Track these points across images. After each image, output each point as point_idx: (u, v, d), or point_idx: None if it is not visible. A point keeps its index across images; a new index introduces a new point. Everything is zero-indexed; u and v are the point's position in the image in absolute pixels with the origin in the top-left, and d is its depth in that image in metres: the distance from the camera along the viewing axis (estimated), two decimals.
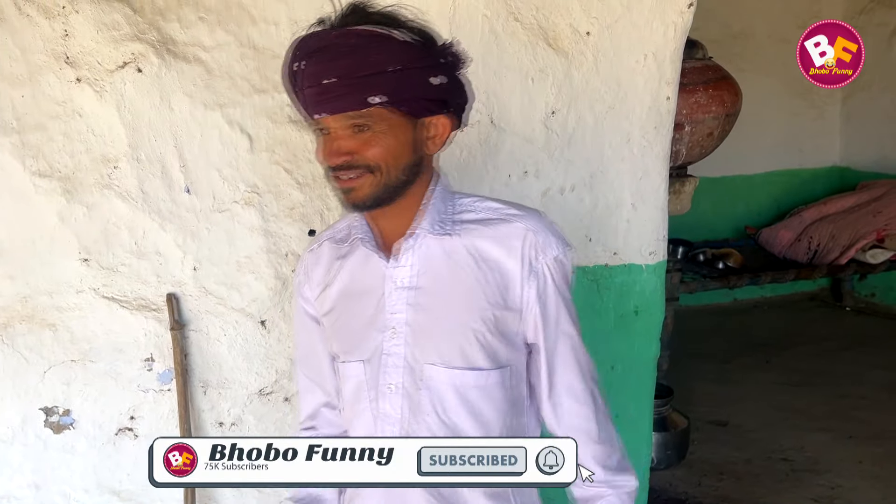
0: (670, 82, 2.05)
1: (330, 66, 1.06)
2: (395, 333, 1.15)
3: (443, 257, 1.16)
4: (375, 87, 1.05)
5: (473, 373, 1.14)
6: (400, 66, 1.06)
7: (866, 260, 4.27)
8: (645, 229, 2.11)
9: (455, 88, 1.14)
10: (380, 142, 1.08)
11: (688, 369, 4.07)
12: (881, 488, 2.93)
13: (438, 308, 1.15)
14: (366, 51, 1.05)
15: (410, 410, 1.15)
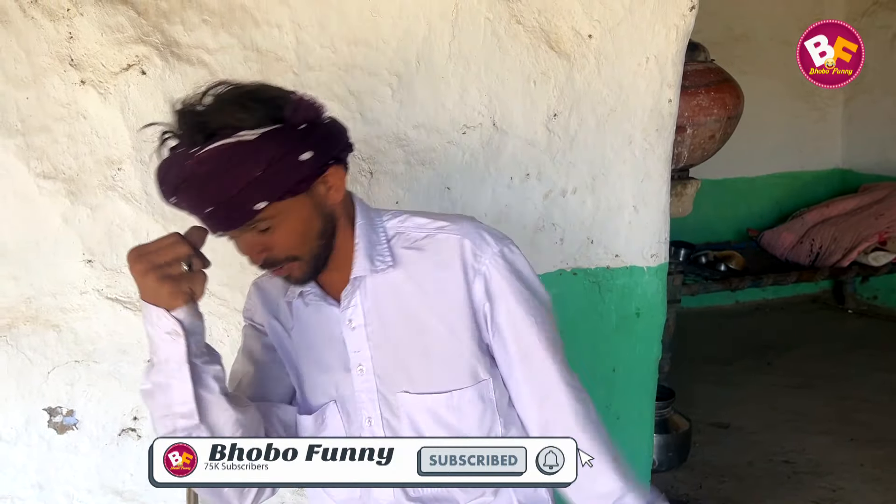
0: (672, 85, 2.06)
1: (200, 198, 1.03)
2: (361, 371, 1.17)
3: (388, 292, 1.16)
4: (253, 197, 1.01)
5: (443, 395, 1.16)
6: (264, 166, 1.00)
7: (868, 262, 4.27)
8: (646, 232, 2.12)
9: (325, 143, 1.08)
10: (285, 233, 1.07)
11: (689, 371, 4.07)
12: (882, 491, 2.92)
13: (397, 340, 1.16)
14: (225, 171, 1.00)
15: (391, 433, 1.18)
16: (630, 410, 2.22)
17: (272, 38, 1.80)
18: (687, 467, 3.14)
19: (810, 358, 4.41)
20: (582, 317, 2.12)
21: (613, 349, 2.16)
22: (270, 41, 1.80)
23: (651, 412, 2.25)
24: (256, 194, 1.02)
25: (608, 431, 1.26)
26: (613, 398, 2.19)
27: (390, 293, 1.16)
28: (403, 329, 1.16)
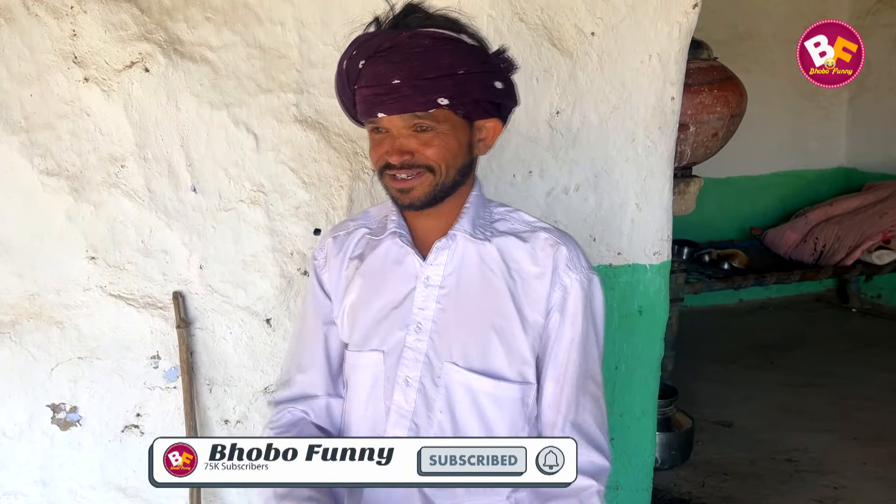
0: (675, 83, 2.06)
1: (399, 66, 1.07)
2: (419, 329, 1.17)
3: (476, 261, 1.18)
4: (443, 90, 1.07)
5: (491, 381, 1.16)
6: (467, 69, 1.08)
7: (872, 261, 4.26)
8: (649, 229, 2.12)
9: (510, 93, 1.17)
10: (441, 143, 1.11)
11: (693, 370, 4.07)
12: (885, 490, 2.92)
13: (466, 309, 1.16)
14: (436, 53, 1.07)
15: (424, 405, 1.17)
16: (633, 408, 2.21)
17: (275, 36, 1.80)
18: (690, 465, 3.13)
19: (814, 356, 4.41)
20: None
21: (616, 347, 2.15)
22: (273, 38, 1.80)
23: (654, 409, 2.25)
24: (447, 89, 1.08)
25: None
26: (616, 396, 2.18)
27: (477, 265, 1.18)
28: (476, 303, 1.16)
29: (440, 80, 1.07)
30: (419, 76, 1.07)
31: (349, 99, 1.16)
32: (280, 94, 1.81)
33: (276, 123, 1.82)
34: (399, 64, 1.07)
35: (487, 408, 1.17)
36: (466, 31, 1.13)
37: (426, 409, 1.17)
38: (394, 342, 1.19)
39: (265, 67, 1.80)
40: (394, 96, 1.08)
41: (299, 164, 1.85)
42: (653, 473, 2.29)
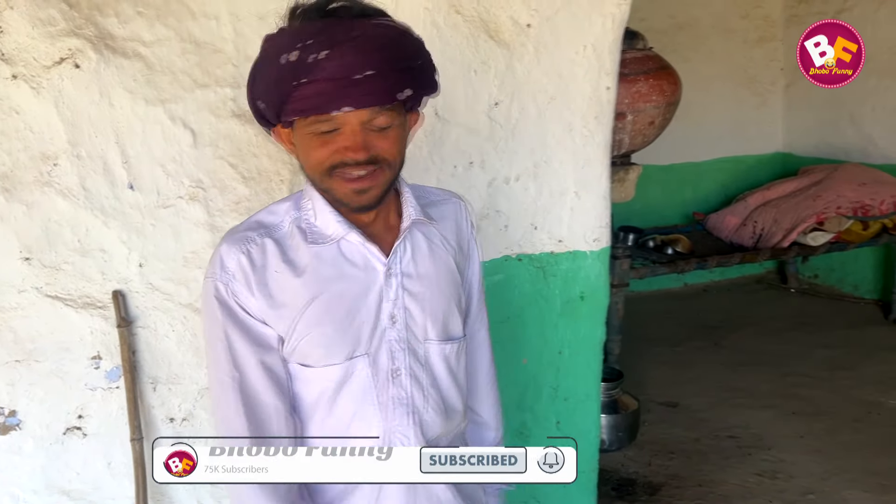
0: (609, 73, 2.10)
1: (370, 56, 1.01)
2: (394, 321, 1.17)
3: (425, 241, 1.22)
4: (406, 81, 1.05)
5: (455, 343, 1.24)
6: (422, 61, 1.09)
7: (807, 242, 4.40)
8: (588, 216, 2.17)
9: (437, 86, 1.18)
10: (396, 137, 1.09)
11: (639, 353, 4.17)
12: (821, 461, 3.04)
13: (428, 288, 1.21)
14: (401, 43, 1.05)
15: (419, 389, 1.20)
16: (577, 391, 2.27)
17: (210, 30, 1.78)
18: (636, 446, 3.22)
19: (755, 337, 4.56)
20: (528, 301, 2.16)
21: (559, 332, 2.20)
22: (208, 33, 1.78)
23: (597, 392, 2.30)
24: (409, 80, 1.06)
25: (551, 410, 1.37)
26: (560, 380, 2.23)
27: (426, 244, 1.22)
28: (433, 280, 1.21)
29: (405, 72, 1.05)
30: (392, 66, 1.03)
31: (281, 97, 1.06)
32: (217, 88, 1.80)
33: (214, 118, 1.81)
34: (371, 54, 1.01)
35: (454, 364, 1.25)
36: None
37: (421, 392, 1.19)
38: (375, 341, 1.17)
39: (200, 62, 1.79)
40: (364, 88, 1.01)
41: (238, 159, 1.84)
42: (598, 455, 2.35)
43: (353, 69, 1.01)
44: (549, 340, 2.21)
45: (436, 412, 1.22)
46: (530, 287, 2.15)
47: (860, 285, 5.25)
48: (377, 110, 1.05)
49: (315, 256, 1.16)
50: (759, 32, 5.69)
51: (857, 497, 2.77)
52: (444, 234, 1.26)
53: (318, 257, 1.16)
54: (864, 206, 4.41)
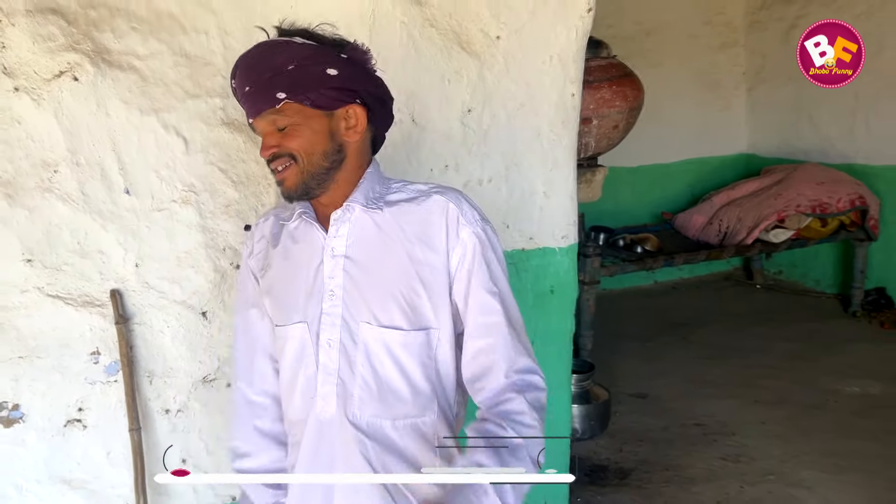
0: (574, 80, 2.25)
1: (246, 76, 1.26)
2: (332, 296, 1.31)
3: (374, 229, 1.32)
4: (278, 85, 1.23)
5: (400, 332, 1.30)
6: (295, 63, 1.23)
7: (769, 239, 4.61)
8: (557, 215, 2.31)
9: (360, 79, 1.29)
10: (297, 133, 1.26)
11: (611, 348, 4.34)
12: (781, 445, 3.22)
13: (370, 274, 1.31)
14: (269, 56, 1.25)
15: (347, 363, 1.31)
16: (550, 380, 2.36)
17: (200, 44, 1.90)
18: (608, 434, 3.37)
19: (722, 331, 4.74)
20: None
21: (531, 325, 2.33)
22: (198, 47, 1.90)
23: (568, 381, 2.45)
24: (281, 84, 1.23)
25: None
26: None
27: (376, 232, 1.32)
28: (378, 266, 1.31)
29: (275, 78, 1.23)
30: (258, 80, 1.24)
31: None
32: (207, 98, 1.92)
33: (205, 127, 1.92)
34: (245, 75, 1.27)
35: (401, 355, 1.31)
36: (309, 35, 1.28)
37: (349, 366, 1.31)
38: (313, 311, 1.33)
39: (191, 74, 1.90)
40: (248, 102, 1.27)
41: (228, 165, 1.96)
42: (570, 435, 2.49)
43: (242, 88, 1.28)
44: None
45: (363, 390, 1.31)
46: None
47: (822, 280, 5.47)
48: (270, 115, 1.26)
49: (283, 231, 1.42)
50: (721, 38, 5.90)
51: (814, 477, 2.94)
52: (403, 228, 1.31)
53: (285, 231, 1.41)
54: (823, 204, 4.62)
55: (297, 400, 1.37)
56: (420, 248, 1.30)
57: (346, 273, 1.31)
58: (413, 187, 1.38)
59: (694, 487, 2.91)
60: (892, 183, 4.87)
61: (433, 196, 1.33)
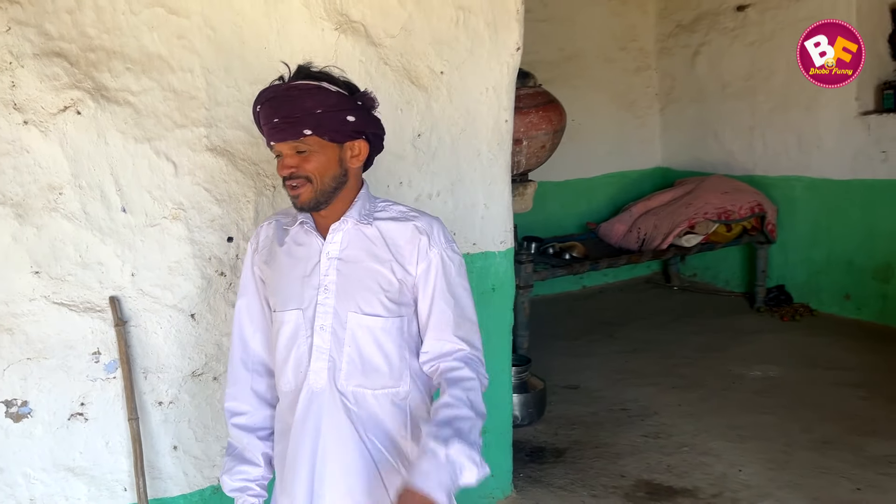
0: (507, 108, 2.64)
1: (276, 111, 1.53)
2: (326, 290, 1.61)
3: (363, 239, 1.64)
4: (306, 123, 1.52)
5: (380, 318, 1.62)
6: (322, 109, 1.53)
7: (682, 244, 5.11)
8: (495, 224, 2.68)
9: (368, 122, 1.61)
10: (314, 159, 1.56)
11: (545, 346, 4.74)
12: (694, 422, 3.66)
13: (359, 272, 1.62)
14: (299, 99, 1.53)
15: (336, 344, 1.61)
16: (493, 367, 2.73)
17: (186, 81, 2.18)
18: (544, 421, 3.75)
19: (643, 329, 5.21)
20: None
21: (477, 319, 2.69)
22: (184, 83, 2.18)
23: (508, 367, 2.81)
24: (309, 123, 1.52)
25: None
26: None
27: (363, 241, 1.63)
28: (364, 267, 1.62)
29: (304, 118, 1.52)
30: (289, 116, 1.53)
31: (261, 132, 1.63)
32: (193, 128, 2.20)
33: (191, 152, 2.20)
34: (277, 108, 1.53)
35: (380, 337, 1.63)
36: (331, 80, 1.57)
37: (338, 346, 1.62)
38: (309, 300, 1.63)
39: (179, 107, 2.18)
40: (276, 130, 1.54)
41: (212, 185, 2.24)
42: (512, 419, 2.84)
43: (270, 118, 1.55)
44: None
45: (350, 365, 1.61)
46: None
47: (730, 280, 6.03)
48: (293, 142, 1.56)
49: (287, 234, 1.72)
50: (636, 63, 6.45)
51: (721, 446, 3.38)
52: (385, 240, 1.65)
53: (288, 234, 1.71)
54: (727, 211, 5.16)
55: (289, 374, 1.66)
56: (397, 256, 1.63)
57: (338, 272, 1.62)
58: (396, 208, 1.69)
59: (620, 461, 3.31)
60: (786, 191, 5.46)
61: (411, 223, 1.65)
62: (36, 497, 2.14)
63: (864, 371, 4.15)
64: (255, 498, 1.75)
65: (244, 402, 1.77)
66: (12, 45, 1.99)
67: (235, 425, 1.76)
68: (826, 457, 3.21)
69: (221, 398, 2.32)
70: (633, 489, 3.06)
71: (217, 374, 2.31)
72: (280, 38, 2.28)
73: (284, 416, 1.70)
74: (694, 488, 3.04)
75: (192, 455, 2.32)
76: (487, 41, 2.56)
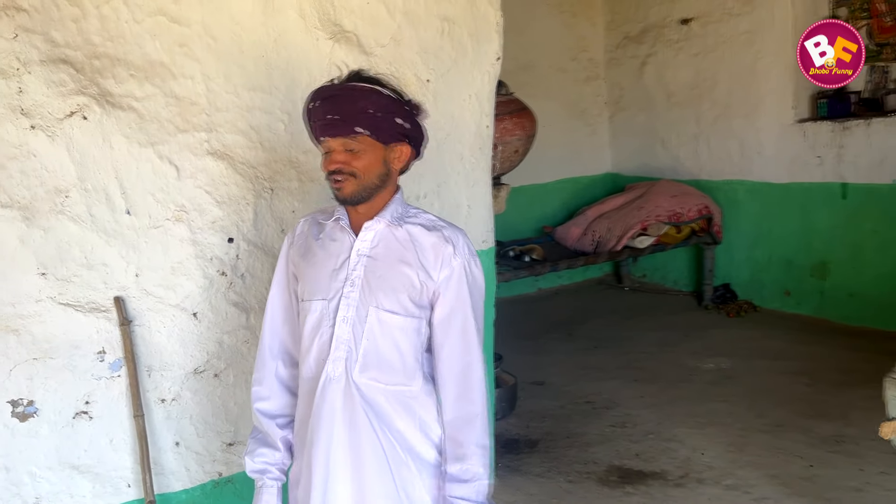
0: (488, 114, 2.79)
1: (331, 108, 1.64)
2: (352, 284, 1.71)
3: (392, 239, 1.73)
4: (360, 122, 1.63)
5: (399, 317, 1.71)
6: (375, 110, 1.64)
7: (636, 245, 5.36)
8: (478, 224, 2.83)
9: (414, 128, 1.73)
10: (363, 157, 1.66)
11: (509, 346, 4.86)
12: (656, 412, 3.87)
13: (384, 270, 1.72)
14: (357, 99, 1.63)
15: (354, 335, 1.71)
16: None
17: (187, 87, 2.26)
18: (516, 415, 3.91)
19: (600, 327, 5.44)
20: None
21: None
22: (186, 90, 2.26)
23: (490, 361, 2.95)
24: (363, 122, 1.62)
25: None
26: None
27: (392, 242, 1.73)
28: (390, 266, 1.71)
29: (358, 116, 1.63)
30: (344, 114, 1.64)
31: (308, 128, 1.73)
32: (194, 133, 2.28)
33: (193, 156, 2.28)
34: (332, 106, 1.63)
35: (396, 334, 1.73)
36: (384, 85, 1.70)
37: (355, 338, 1.71)
38: (335, 292, 1.73)
39: (181, 112, 2.25)
40: (330, 125, 1.63)
41: (213, 188, 2.32)
42: (494, 410, 2.99)
43: (325, 114, 1.66)
44: None
45: (365, 357, 1.69)
46: None
47: (679, 280, 6.33)
48: (344, 139, 1.65)
49: (322, 229, 1.82)
50: (586, 73, 6.72)
51: (683, 432, 3.60)
52: (414, 244, 1.70)
53: (323, 230, 1.82)
54: (676, 214, 5.44)
55: (311, 361, 1.75)
56: (423, 261, 1.72)
57: (365, 268, 1.72)
58: (426, 216, 1.78)
59: (591, 449, 3.49)
60: (729, 195, 5.78)
61: (439, 230, 1.74)
62: (41, 495, 2.17)
63: (806, 361, 4.45)
64: (274, 481, 1.84)
65: (267, 388, 1.86)
66: (19, 52, 2.03)
67: (259, 410, 1.85)
68: (780, 438, 3.46)
69: (222, 394, 2.40)
70: (606, 474, 3.24)
71: (218, 371, 2.38)
72: (277, 47, 2.38)
73: (305, 402, 1.79)
74: (662, 471, 3.23)
75: (194, 451, 2.38)
76: (470, 51, 2.71)
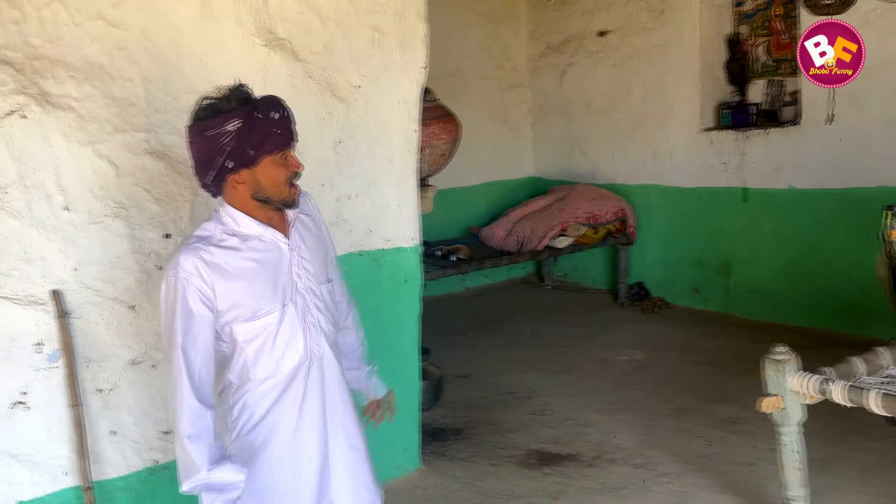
0: (415, 119, 2.97)
1: (289, 116, 1.80)
2: (300, 277, 1.87)
3: (304, 228, 1.93)
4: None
5: (329, 283, 1.98)
6: None
7: (556, 245, 5.64)
8: (406, 223, 3.01)
9: None
10: None
11: (435, 341, 5.05)
12: (573, 400, 4.13)
13: (311, 254, 1.91)
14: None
15: (321, 314, 1.90)
16: (404, 349, 3.08)
17: (126, 89, 2.35)
18: (442, 405, 4.09)
19: (522, 323, 5.69)
20: (366, 286, 2.93)
21: (390, 308, 3.00)
22: (125, 91, 2.35)
23: (417, 350, 3.12)
24: None
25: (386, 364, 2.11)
26: (392, 343, 3.03)
27: (305, 230, 1.93)
28: (313, 248, 1.92)
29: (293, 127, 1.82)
30: (293, 122, 1.81)
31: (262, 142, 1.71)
32: (133, 133, 2.37)
33: (132, 155, 2.37)
34: (289, 115, 1.79)
35: (331, 296, 1.99)
36: None
37: (322, 315, 1.91)
38: (292, 291, 1.86)
39: (120, 113, 2.34)
40: (292, 135, 1.79)
41: (151, 186, 2.41)
42: (420, 393, 3.16)
43: (289, 123, 1.81)
44: (383, 314, 3.00)
45: (329, 324, 1.92)
46: (368, 275, 2.93)
47: (597, 279, 6.66)
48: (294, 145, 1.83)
49: (247, 246, 1.83)
50: (510, 80, 6.99)
51: (598, 418, 3.86)
52: (311, 219, 1.98)
53: (249, 246, 1.83)
54: (594, 216, 5.75)
55: (291, 356, 1.84)
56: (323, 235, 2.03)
57: (303, 259, 1.88)
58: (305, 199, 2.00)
59: (512, 435, 3.70)
60: (643, 198, 6.13)
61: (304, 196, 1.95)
62: None
63: (712, 352, 4.80)
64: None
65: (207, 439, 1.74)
66: None
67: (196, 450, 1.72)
68: (683, 421, 3.75)
69: (160, 385, 2.49)
70: (526, 457, 3.46)
71: (155, 362, 2.47)
72: (215, 52, 2.49)
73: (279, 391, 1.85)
74: (577, 453, 3.48)
75: (131, 439, 2.46)
76: (399, 59, 2.88)
